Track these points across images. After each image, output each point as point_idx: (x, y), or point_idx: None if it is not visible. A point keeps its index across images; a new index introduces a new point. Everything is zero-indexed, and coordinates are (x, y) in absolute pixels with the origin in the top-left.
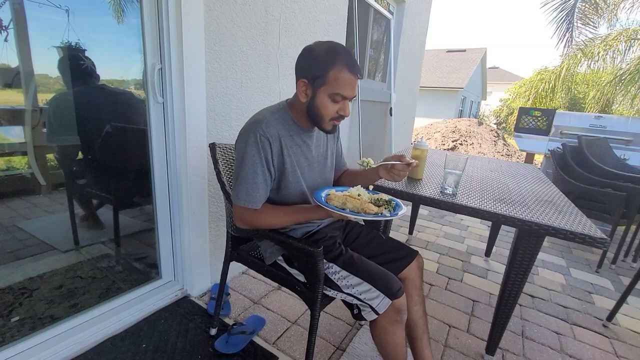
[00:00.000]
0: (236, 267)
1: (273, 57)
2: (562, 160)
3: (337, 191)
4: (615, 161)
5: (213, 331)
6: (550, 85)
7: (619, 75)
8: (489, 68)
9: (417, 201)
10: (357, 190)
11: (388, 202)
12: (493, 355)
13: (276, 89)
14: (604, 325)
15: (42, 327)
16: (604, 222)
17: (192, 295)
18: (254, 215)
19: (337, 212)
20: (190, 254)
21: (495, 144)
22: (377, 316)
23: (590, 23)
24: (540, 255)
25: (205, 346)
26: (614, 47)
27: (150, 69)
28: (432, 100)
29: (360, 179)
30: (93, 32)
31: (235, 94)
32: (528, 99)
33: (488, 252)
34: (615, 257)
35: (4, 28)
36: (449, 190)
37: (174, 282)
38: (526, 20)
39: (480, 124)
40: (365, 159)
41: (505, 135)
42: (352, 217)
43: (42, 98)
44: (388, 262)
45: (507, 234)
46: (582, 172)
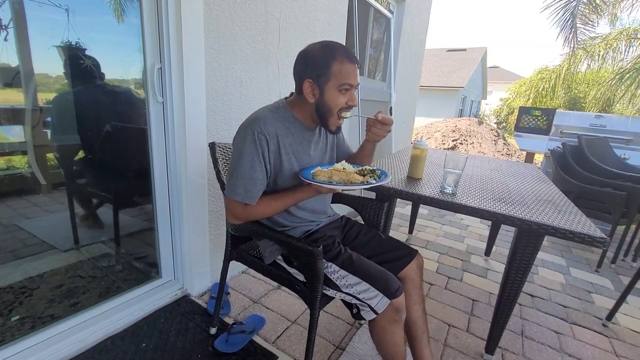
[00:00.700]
0: (236, 267)
1: (273, 56)
2: (562, 159)
3: (323, 167)
4: (615, 160)
5: (213, 330)
6: (551, 84)
7: (620, 74)
8: (490, 67)
9: (417, 200)
10: (341, 165)
11: (372, 171)
12: (492, 355)
13: (276, 88)
14: (604, 325)
15: (42, 326)
16: (604, 221)
17: (192, 294)
18: (246, 208)
19: (325, 185)
20: (190, 254)
21: (495, 144)
22: (376, 316)
23: (589, 22)
24: (540, 255)
25: (205, 345)
26: (614, 46)
27: (150, 69)
28: (433, 100)
29: (358, 157)
30: (93, 31)
31: (235, 93)
32: (528, 99)
33: (488, 252)
34: (615, 256)
35: (3, 27)
36: (449, 190)
37: (173, 282)
38: (527, 20)
39: (480, 123)
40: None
41: (506, 135)
42: (340, 188)
43: (42, 97)
44: (387, 261)
45: (507, 234)
46: (582, 171)
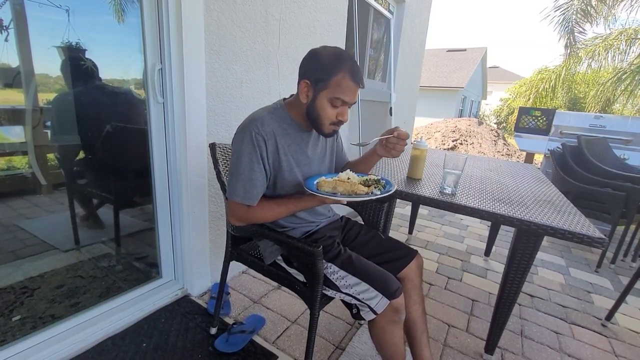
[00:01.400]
0: (236, 267)
1: (273, 57)
2: (562, 159)
3: (327, 177)
4: (614, 161)
5: (213, 330)
6: (551, 84)
7: (620, 74)
8: (489, 67)
9: (417, 201)
10: (346, 175)
11: (377, 182)
12: (492, 355)
13: (276, 88)
14: (603, 325)
15: (42, 326)
16: (604, 221)
17: (192, 294)
18: (248, 211)
19: (330, 197)
20: (191, 254)
21: (495, 144)
22: (376, 316)
23: (583, 31)
24: (540, 255)
25: (206, 345)
26: (614, 46)
27: (150, 69)
28: (432, 100)
29: (360, 166)
30: (93, 31)
31: (235, 94)
32: (528, 99)
33: (487, 252)
34: (615, 256)
35: (4, 28)
36: (448, 190)
37: (174, 282)
38: (527, 20)
39: (480, 123)
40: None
41: (506, 135)
42: (345, 200)
43: (43, 98)
44: (387, 261)
45: (506, 234)
46: (581, 171)
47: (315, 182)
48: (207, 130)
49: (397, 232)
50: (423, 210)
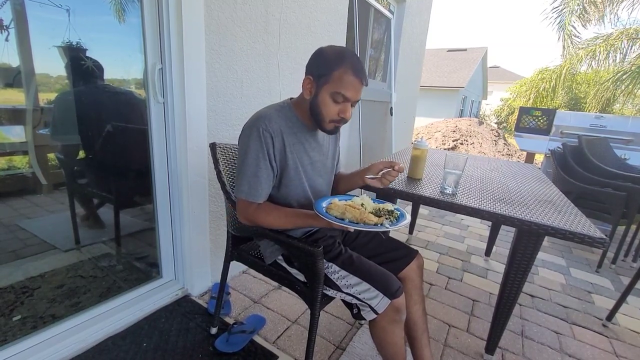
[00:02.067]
0: (237, 267)
1: (273, 56)
2: (563, 159)
3: (340, 200)
4: (615, 161)
5: (213, 330)
6: (551, 84)
7: (620, 74)
8: (490, 67)
9: (417, 201)
10: (361, 200)
11: (390, 213)
12: (492, 355)
13: (276, 88)
14: (604, 325)
15: (43, 326)
16: (604, 221)
17: (193, 294)
18: (256, 212)
19: (338, 223)
20: (191, 254)
21: (495, 144)
22: (376, 316)
23: (577, 34)
24: (540, 255)
25: (206, 345)
26: (615, 46)
27: (150, 69)
28: (433, 100)
29: (341, 184)
30: (94, 31)
31: (235, 94)
32: (529, 99)
33: (488, 252)
34: (615, 256)
35: (5, 28)
36: (449, 190)
37: (174, 282)
38: (527, 20)
39: (480, 123)
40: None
41: (506, 135)
42: (352, 228)
43: (43, 97)
44: (388, 261)
45: (507, 234)
46: (582, 171)
47: (326, 204)
48: (208, 130)
49: (398, 232)
50: (423, 210)
